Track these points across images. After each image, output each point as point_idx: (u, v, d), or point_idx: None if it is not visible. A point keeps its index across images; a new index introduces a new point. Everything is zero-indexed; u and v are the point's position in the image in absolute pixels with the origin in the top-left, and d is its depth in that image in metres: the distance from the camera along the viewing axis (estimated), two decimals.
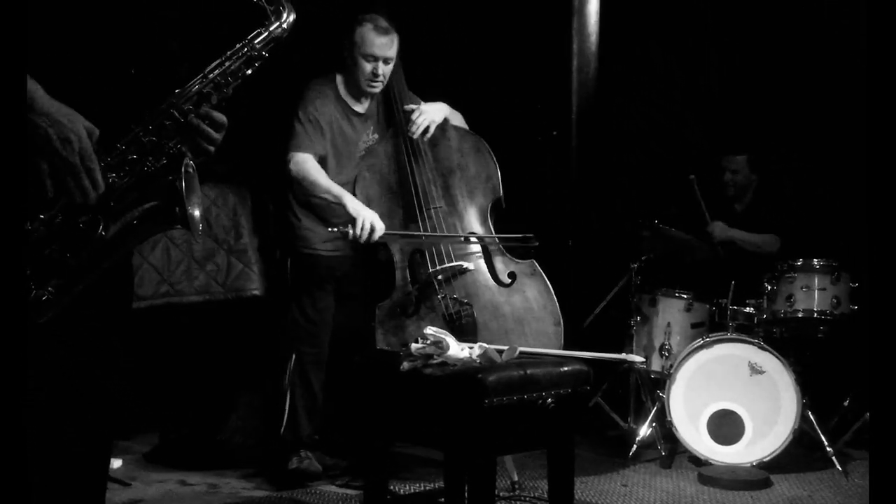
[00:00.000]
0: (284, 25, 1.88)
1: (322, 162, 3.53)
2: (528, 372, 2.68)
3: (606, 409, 4.55)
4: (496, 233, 3.56)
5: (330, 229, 3.42)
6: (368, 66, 3.49)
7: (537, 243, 3.47)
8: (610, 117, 4.87)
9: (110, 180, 1.69)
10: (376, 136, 3.68)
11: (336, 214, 3.50)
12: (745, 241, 4.55)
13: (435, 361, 2.72)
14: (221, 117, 1.82)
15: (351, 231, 3.32)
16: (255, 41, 1.85)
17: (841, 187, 4.64)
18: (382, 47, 3.47)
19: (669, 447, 4.10)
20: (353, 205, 3.38)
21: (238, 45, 1.84)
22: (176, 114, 1.75)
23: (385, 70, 3.51)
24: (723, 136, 4.96)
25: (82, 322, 1.77)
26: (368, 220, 3.33)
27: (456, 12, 4.55)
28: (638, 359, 3.35)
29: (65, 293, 1.69)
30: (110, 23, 1.77)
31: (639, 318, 4.34)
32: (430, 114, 3.57)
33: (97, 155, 1.65)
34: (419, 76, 3.76)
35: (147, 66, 1.84)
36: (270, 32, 1.87)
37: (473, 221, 3.56)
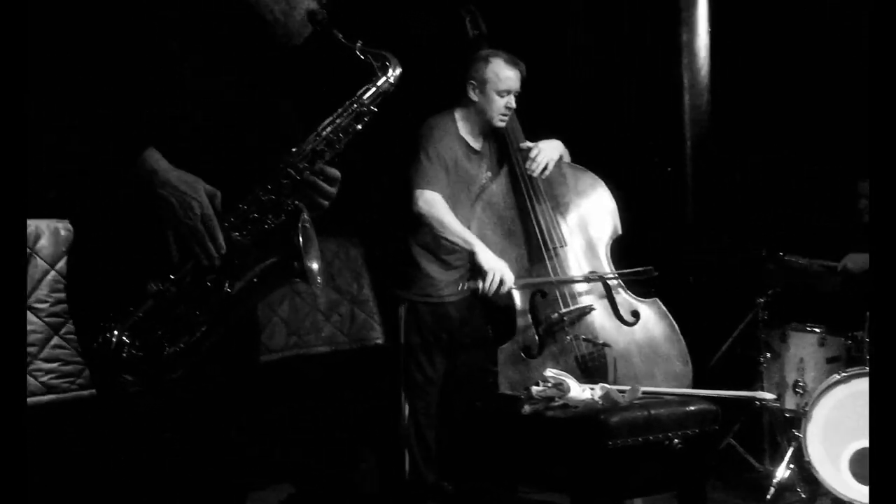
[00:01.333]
0: (391, 80, 1.95)
1: None
2: (652, 412, 2.64)
3: (740, 451, 4.39)
4: (616, 270, 3.51)
5: (461, 286, 3.41)
6: (502, 101, 3.51)
7: (657, 273, 3.39)
8: (726, 150, 4.76)
9: (234, 240, 1.79)
10: (489, 173, 3.68)
11: (458, 257, 3.52)
12: None
13: (557, 404, 2.72)
14: (335, 172, 1.91)
15: (480, 285, 3.30)
16: (364, 97, 1.92)
17: None
18: (516, 80, 3.51)
19: (810, 489, 3.91)
20: (485, 256, 3.33)
21: (348, 102, 1.92)
22: (292, 172, 1.84)
23: (513, 103, 3.55)
24: (853, 162, 4.76)
25: (210, 378, 1.86)
26: (499, 273, 3.29)
27: (565, 50, 4.58)
28: (769, 396, 3.23)
29: (195, 350, 1.78)
30: (223, 96, 1.89)
31: (769, 354, 4.18)
32: (548, 152, 3.55)
33: (220, 216, 1.75)
34: (530, 114, 3.77)
35: (266, 130, 1.93)
36: (378, 87, 1.94)
37: (594, 260, 3.52)
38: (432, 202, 3.43)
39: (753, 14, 4.66)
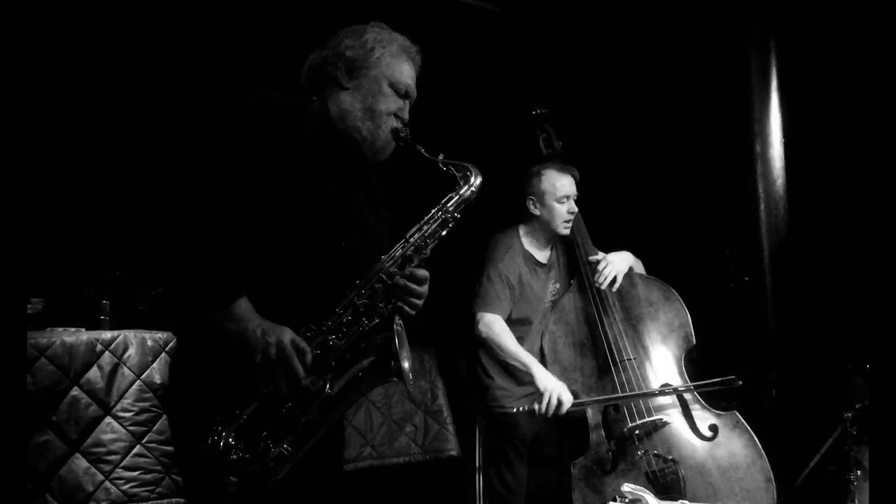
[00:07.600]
0: (473, 188, 2.06)
1: (510, 315, 3.54)
2: None
3: None
4: (694, 382, 3.43)
5: (516, 409, 3.39)
6: (563, 207, 3.57)
7: (741, 382, 3.30)
8: (807, 258, 4.68)
9: (331, 342, 1.86)
10: (557, 285, 3.69)
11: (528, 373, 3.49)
12: None
13: None
14: (423, 272, 1.99)
15: (537, 407, 3.29)
16: (448, 205, 2.04)
17: None
18: (571, 185, 3.59)
19: None
20: (541, 377, 3.36)
21: (433, 210, 2.03)
22: (384, 277, 1.93)
23: (574, 207, 3.60)
24: None
25: (296, 484, 1.89)
26: (556, 394, 3.29)
27: (639, 162, 4.64)
28: None
29: (298, 449, 1.83)
30: (320, 211, 1.98)
31: (859, 471, 3.99)
32: (617, 264, 3.57)
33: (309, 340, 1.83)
34: (603, 226, 3.79)
35: (359, 239, 2.02)
36: (461, 195, 2.05)
37: (668, 372, 3.45)
38: (491, 325, 3.47)
39: (828, 123, 4.66)
